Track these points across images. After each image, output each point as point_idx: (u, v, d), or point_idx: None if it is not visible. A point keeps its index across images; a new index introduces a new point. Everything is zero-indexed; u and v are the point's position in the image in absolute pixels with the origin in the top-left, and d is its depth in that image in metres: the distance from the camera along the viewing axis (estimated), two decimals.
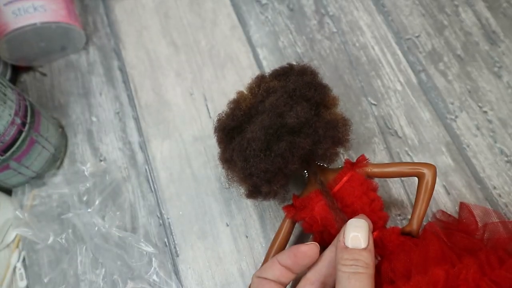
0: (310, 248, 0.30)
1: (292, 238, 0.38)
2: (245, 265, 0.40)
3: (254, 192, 0.36)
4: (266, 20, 0.50)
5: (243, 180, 0.35)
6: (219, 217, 0.42)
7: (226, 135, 0.36)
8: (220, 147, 0.37)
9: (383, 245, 0.33)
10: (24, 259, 0.42)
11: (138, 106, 0.48)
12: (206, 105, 0.47)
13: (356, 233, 0.30)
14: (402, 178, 0.41)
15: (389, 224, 0.38)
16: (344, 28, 0.48)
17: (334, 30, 0.49)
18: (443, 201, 0.40)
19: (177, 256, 0.41)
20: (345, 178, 0.35)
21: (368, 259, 0.29)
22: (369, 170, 0.35)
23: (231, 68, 0.48)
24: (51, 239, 0.41)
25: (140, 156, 0.45)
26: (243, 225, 0.41)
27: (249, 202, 0.42)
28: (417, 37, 0.47)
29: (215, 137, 0.38)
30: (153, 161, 0.45)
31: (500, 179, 0.40)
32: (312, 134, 0.34)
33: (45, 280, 0.41)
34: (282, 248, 0.37)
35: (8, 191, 0.44)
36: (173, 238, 0.42)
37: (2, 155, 0.38)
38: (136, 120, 0.47)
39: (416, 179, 0.35)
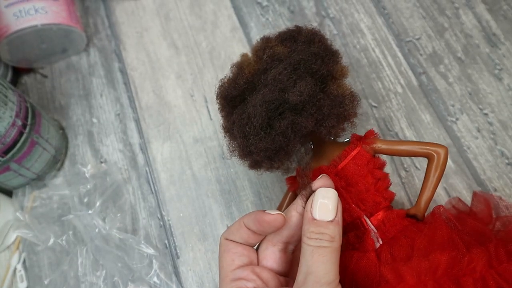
0: (274, 218, 0.29)
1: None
2: None
3: (255, 165, 0.34)
4: (266, 22, 0.50)
5: (243, 157, 0.34)
6: (220, 218, 0.42)
7: (228, 103, 0.35)
8: (222, 115, 0.36)
9: (386, 228, 0.32)
10: (24, 261, 0.42)
11: (139, 107, 0.48)
12: (207, 107, 0.47)
13: (325, 201, 0.29)
14: (403, 180, 0.41)
15: None
16: (345, 30, 0.48)
17: (335, 32, 0.49)
18: (444, 203, 0.40)
19: (178, 258, 0.41)
20: (350, 156, 0.33)
21: (334, 232, 0.28)
22: (377, 146, 0.33)
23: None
24: (51, 241, 0.41)
25: (140, 158, 0.45)
26: None
27: (249, 204, 0.42)
28: (417, 39, 0.47)
29: (217, 103, 0.36)
30: (153, 162, 0.45)
31: (501, 181, 0.40)
32: (316, 113, 0.32)
33: (46, 282, 0.41)
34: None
35: (8, 193, 0.44)
36: (174, 240, 0.42)
37: (2, 157, 0.38)
38: (137, 121, 0.47)
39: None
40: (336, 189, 0.31)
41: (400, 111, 0.44)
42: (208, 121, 0.46)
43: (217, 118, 0.46)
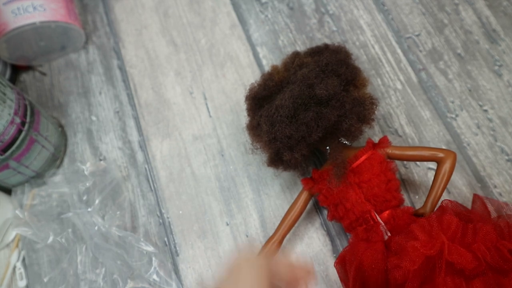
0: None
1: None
2: None
3: (275, 160, 0.37)
4: (266, 18, 0.50)
5: (267, 145, 0.36)
6: (219, 216, 0.42)
7: (256, 104, 0.38)
8: (249, 115, 0.39)
9: (395, 222, 0.34)
10: (24, 259, 0.42)
11: (138, 105, 0.47)
12: (206, 104, 0.47)
13: None
14: (402, 177, 0.41)
15: None
16: (344, 27, 0.48)
17: (334, 28, 0.48)
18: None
19: (177, 255, 0.41)
20: (365, 156, 0.36)
21: None
22: (390, 151, 0.36)
23: (231, 66, 0.48)
24: (51, 239, 0.41)
25: (140, 155, 0.45)
26: (243, 224, 0.41)
27: (249, 202, 0.42)
28: (417, 35, 0.47)
29: (245, 105, 0.39)
30: (153, 160, 0.45)
31: (501, 178, 0.40)
32: (339, 108, 0.35)
33: (45, 280, 0.41)
34: (295, 219, 0.37)
35: (7, 191, 0.44)
36: (173, 238, 0.42)
37: (1, 155, 0.38)
38: (136, 119, 0.47)
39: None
40: (350, 184, 0.34)
41: (400, 107, 0.44)
42: (207, 118, 0.46)
43: (216, 115, 0.46)
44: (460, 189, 0.40)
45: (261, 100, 0.38)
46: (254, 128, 0.38)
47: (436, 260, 0.29)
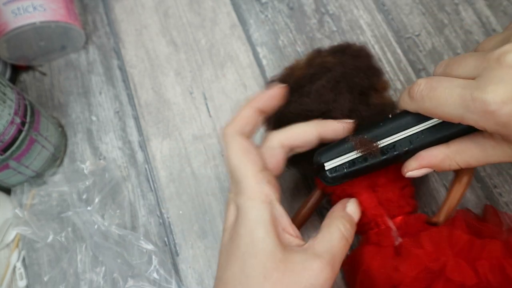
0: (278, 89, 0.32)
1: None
2: None
3: (294, 162, 0.36)
4: (266, 18, 0.50)
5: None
6: (219, 216, 0.42)
7: None
8: None
9: (407, 229, 0.33)
10: (23, 258, 0.42)
11: (138, 105, 0.47)
12: (206, 104, 0.47)
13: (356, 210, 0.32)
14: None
15: None
16: (344, 27, 0.48)
17: (334, 29, 0.48)
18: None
19: (177, 255, 0.41)
20: None
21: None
22: None
23: (231, 67, 0.48)
24: (50, 238, 0.41)
25: (140, 155, 0.45)
26: None
27: None
28: (417, 35, 0.47)
29: None
30: (153, 160, 0.45)
31: (501, 178, 0.40)
32: (359, 119, 0.34)
33: (45, 279, 0.41)
34: (306, 218, 0.37)
35: (7, 191, 0.44)
36: (173, 237, 0.42)
37: (1, 155, 0.38)
38: (136, 119, 0.47)
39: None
40: (364, 187, 0.34)
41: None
42: (207, 119, 0.46)
43: (216, 115, 0.46)
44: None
45: None
46: (267, 120, 0.37)
47: (437, 273, 0.29)
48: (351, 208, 0.32)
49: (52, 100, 0.49)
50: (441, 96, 0.26)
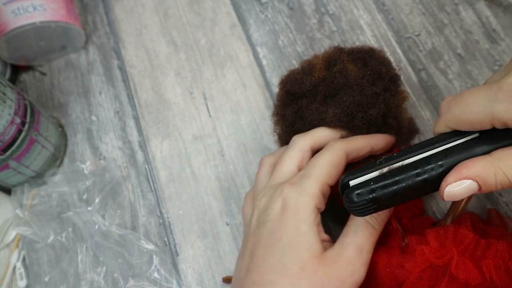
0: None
1: None
2: None
3: None
4: (266, 18, 0.50)
5: (283, 139, 0.38)
6: (219, 216, 0.42)
7: (288, 96, 0.38)
8: (277, 101, 0.39)
9: (414, 230, 0.33)
10: (24, 259, 0.42)
11: (138, 105, 0.47)
12: (206, 104, 0.47)
13: None
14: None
15: None
16: (344, 27, 0.48)
17: (334, 29, 0.48)
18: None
19: (177, 255, 0.41)
20: None
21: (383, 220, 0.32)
22: None
23: (231, 67, 0.48)
24: (51, 238, 0.41)
25: (140, 155, 0.45)
26: (243, 224, 0.41)
27: None
28: (417, 35, 0.47)
29: (278, 89, 0.39)
30: (153, 160, 0.45)
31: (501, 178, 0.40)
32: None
33: (46, 279, 0.41)
34: None
35: (7, 191, 0.44)
36: (173, 237, 0.42)
37: (1, 155, 0.38)
38: (136, 119, 0.47)
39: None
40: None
41: None
42: (207, 119, 0.46)
43: (216, 115, 0.46)
44: None
45: (292, 95, 0.38)
46: (278, 114, 0.39)
47: (441, 271, 0.29)
48: None
49: (52, 100, 0.49)
50: (468, 98, 0.25)
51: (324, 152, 0.32)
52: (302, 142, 0.34)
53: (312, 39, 0.48)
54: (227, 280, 0.39)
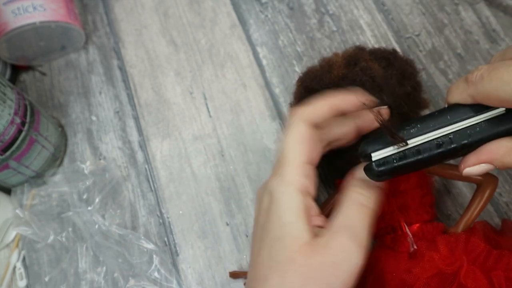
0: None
1: None
2: (245, 264, 0.40)
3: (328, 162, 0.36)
4: (266, 18, 0.50)
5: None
6: (219, 216, 0.42)
7: (306, 92, 0.37)
8: (295, 97, 0.38)
9: (423, 236, 0.33)
10: (24, 259, 0.42)
11: (138, 105, 0.47)
12: (206, 104, 0.47)
13: None
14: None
15: None
16: (344, 27, 0.48)
17: (334, 29, 0.48)
18: (443, 199, 0.40)
19: (177, 255, 0.41)
20: None
21: (377, 198, 0.30)
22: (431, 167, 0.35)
23: (231, 67, 0.48)
24: (51, 238, 0.41)
25: (140, 155, 0.45)
26: (243, 224, 0.41)
27: (249, 202, 0.42)
28: (417, 35, 0.47)
29: (295, 85, 0.38)
30: (153, 160, 0.45)
31: (501, 177, 0.40)
32: None
33: (46, 279, 0.41)
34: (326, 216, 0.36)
35: (7, 191, 0.44)
36: (173, 238, 0.42)
37: (1, 155, 0.38)
38: (136, 119, 0.47)
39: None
40: (384, 194, 0.32)
41: None
42: (207, 118, 0.46)
43: (216, 115, 0.46)
44: (460, 189, 0.40)
45: (311, 91, 0.36)
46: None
47: (450, 279, 0.29)
48: (359, 173, 0.30)
49: (52, 100, 0.49)
50: (504, 75, 0.24)
51: (287, 132, 0.30)
52: (298, 120, 0.31)
53: (312, 39, 0.48)
54: (234, 275, 0.39)
